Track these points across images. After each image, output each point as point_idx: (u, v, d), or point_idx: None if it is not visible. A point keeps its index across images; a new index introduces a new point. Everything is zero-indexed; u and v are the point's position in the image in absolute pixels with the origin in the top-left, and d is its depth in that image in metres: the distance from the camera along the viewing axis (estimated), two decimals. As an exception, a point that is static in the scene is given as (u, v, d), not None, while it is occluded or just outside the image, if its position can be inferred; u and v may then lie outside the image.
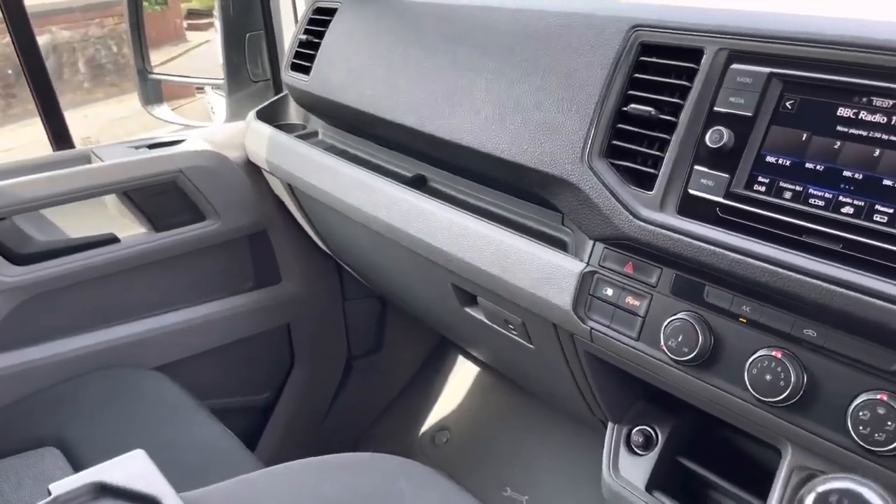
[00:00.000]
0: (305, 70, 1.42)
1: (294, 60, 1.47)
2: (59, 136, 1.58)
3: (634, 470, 1.04)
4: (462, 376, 2.07)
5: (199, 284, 1.63)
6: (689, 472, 1.02)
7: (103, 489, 0.69)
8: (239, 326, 1.70)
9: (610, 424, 1.10)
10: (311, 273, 1.77)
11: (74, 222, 1.53)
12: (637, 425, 1.07)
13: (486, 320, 1.19)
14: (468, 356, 2.03)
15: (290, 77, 1.47)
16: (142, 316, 1.55)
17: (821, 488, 0.57)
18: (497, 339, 1.21)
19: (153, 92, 1.93)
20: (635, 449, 1.06)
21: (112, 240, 1.44)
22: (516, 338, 1.14)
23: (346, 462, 0.85)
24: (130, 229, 1.51)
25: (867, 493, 0.54)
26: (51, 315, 1.43)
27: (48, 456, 1.17)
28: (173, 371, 1.55)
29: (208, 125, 1.81)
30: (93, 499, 0.68)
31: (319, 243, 1.70)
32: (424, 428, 2.04)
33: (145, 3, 2.33)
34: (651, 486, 1.01)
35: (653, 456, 1.04)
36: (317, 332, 1.84)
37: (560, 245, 1.02)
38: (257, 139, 1.56)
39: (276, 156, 1.50)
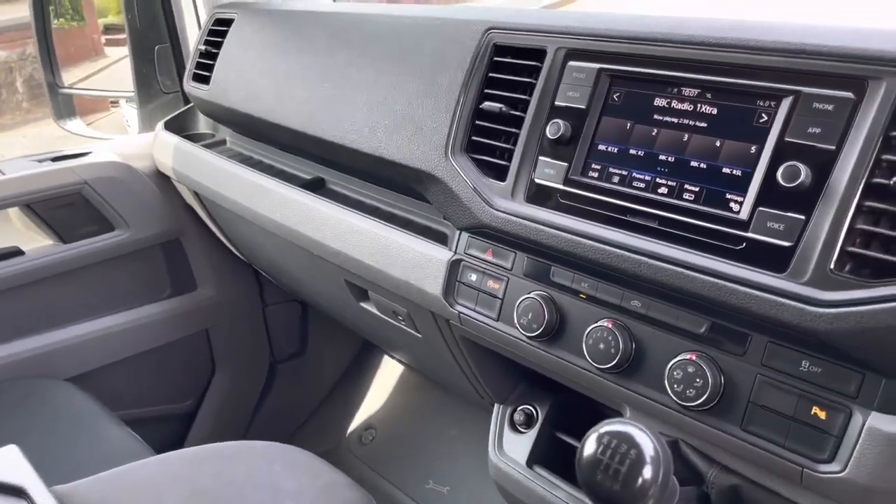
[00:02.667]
0: (205, 80, 1.46)
1: (195, 71, 1.50)
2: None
3: (517, 447, 1.10)
4: (386, 376, 2.12)
5: (113, 294, 1.64)
6: (567, 447, 1.09)
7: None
8: (156, 334, 1.72)
9: (496, 406, 1.15)
10: (227, 279, 1.80)
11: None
12: (520, 405, 1.13)
13: (378, 313, 1.24)
14: (392, 356, 2.08)
15: (191, 87, 1.50)
16: (53, 327, 1.56)
17: (600, 430, 0.63)
18: (391, 331, 1.27)
19: (65, 106, 1.93)
20: (518, 427, 1.12)
21: (16, 252, 1.45)
22: (405, 328, 1.19)
23: (223, 450, 0.88)
24: (36, 242, 1.52)
25: (636, 432, 0.61)
26: (-44, 329, 1.43)
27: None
28: (89, 381, 1.56)
29: (117, 137, 1.82)
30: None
31: (233, 249, 1.73)
32: (351, 428, 2.08)
33: (61, 20, 2.34)
34: (531, 461, 1.07)
35: (533, 433, 1.10)
36: (237, 337, 1.87)
37: (441, 237, 1.08)
38: (164, 149, 1.58)
39: (182, 164, 1.53)
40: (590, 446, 0.63)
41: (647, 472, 0.59)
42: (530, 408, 1.12)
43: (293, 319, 1.98)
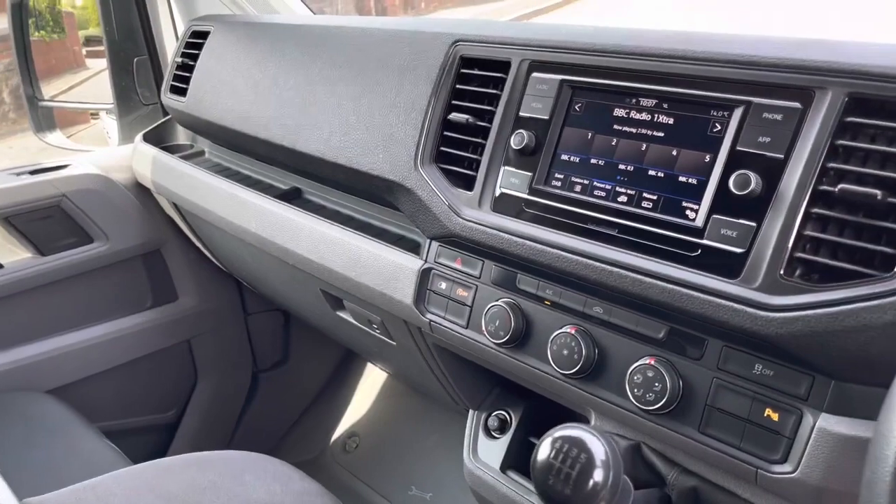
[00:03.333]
0: (182, 92, 1.47)
1: (172, 83, 1.51)
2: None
3: (491, 452, 1.11)
4: (370, 384, 2.13)
5: (93, 306, 1.65)
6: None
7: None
8: (137, 345, 1.72)
9: (470, 411, 1.17)
10: (208, 289, 1.80)
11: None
12: (494, 410, 1.15)
13: (354, 321, 1.25)
14: (375, 364, 2.09)
15: (168, 99, 1.51)
16: (33, 339, 1.56)
17: (553, 435, 0.64)
18: (367, 339, 1.28)
19: (45, 119, 1.94)
20: (492, 433, 1.13)
21: (-6, 265, 1.46)
22: (380, 336, 1.20)
23: (196, 460, 0.89)
24: (15, 255, 1.52)
25: (587, 436, 0.62)
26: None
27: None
28: (70, 393, 1.57)
29: (96, 149, 1.83)
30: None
31: (213, 259, 1.74)
32: (335, 436, 2.08)
33: (41, 32, 2.33)
34: (505, 465, 1.08)
35: (507, 438, 1.11)
36: (220, 346, 1.88)
37: (415, 247, 1.09)
38: (143, 161, 1.59)
39: (161, 176, 1.54)
40: (543, 451, 0.64)
41: (598, 476, 0.60)
42: (504, 413, 1.14)
43: (275, 328, 1.99)
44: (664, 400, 0.74)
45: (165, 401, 1.84)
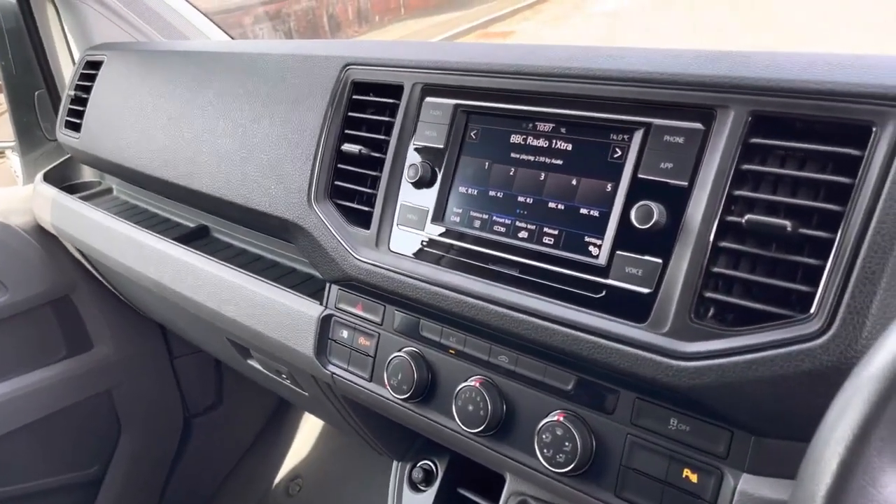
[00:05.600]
0: (78, 127, 1.36)
1: (67, 118, 1.40)
2: None
3: (416, 507, 1.02)
4: (312, 423, 2.02)
5: (-2, 361, 1.52)
6: (469, 502, 1.02)
7: None
8: (51, 399, 1.59)
9: (394, 463, 1.08)
10: (127, 334, 1.68)
11: None
12: (419, 460, 1.06)
13: (265, 370, 1.15)
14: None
15: (63, 135, 1.40)
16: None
17: None
18: (282, 388, 1.18)
19: (-56, 160, 1.81)
20: (417, 485, 1.05)
21: None
22: (292, 386, 1.11)
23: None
24: None
25: None
26: None
27: None
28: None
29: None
30: None
31: (129, 302, 1.62)
32: (277, 479, 1.97)
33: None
34: (431, 522, 1.00)
35: (433, 491, 1.03)
36: (144, 394, 1.75)
37: (321, 289, 1.00)
38: (43, 203, 1.48)
39: (61, 219, 1.42)
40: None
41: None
42: (430, 463, 1.05)
43: (206, 370, 1.87)
44: (576, 461, 0.66)
45: (86, 456, 1.71)
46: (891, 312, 0.50)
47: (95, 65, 1.37)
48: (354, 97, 0.90)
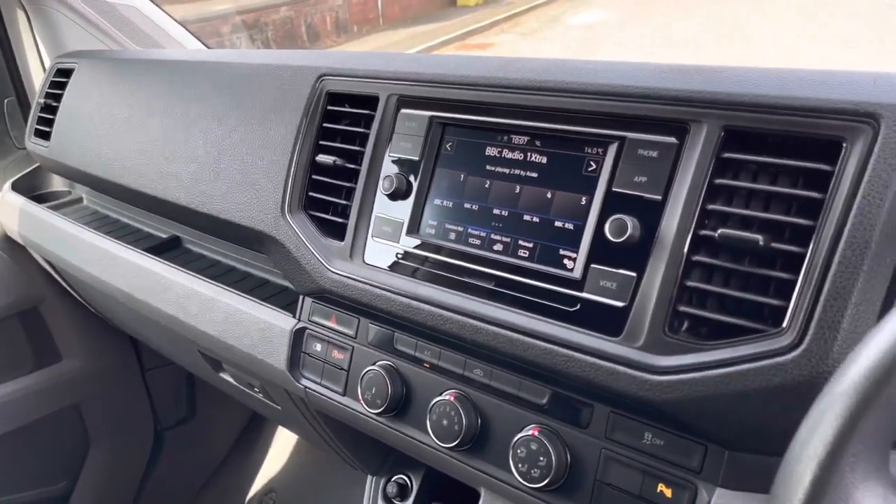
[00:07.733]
0: (47, 136, 1.34)
1: (36, 126, 1.38)
2: None
3: (391, 522, 1.01)
4: (287, 435, 1.99)
5: (-38, 374, 1.48)
6: (445, 517, 1.01)
7: None
8: (18, 413, 1.55)
9: (368, 477, 1.06)
10: (97, 346, 1.65)
11: None
12: (394, 475, 1.05)
13: (237, 384, 1.13)
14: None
15: (31, 144, 1.38)
16: None
17: None
18: (255, 402, 1.16)
19: None
20: (392, 501, 1.03)
21: None
22: (265, 400, 1.09)
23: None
24: None
25: None
26: None
27: None
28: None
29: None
30: None
31: (99, 315, 1.59)
32: (251, 493, 1.94)
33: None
34: (406, 537, 0.98)
35: (407, 505, 1.01)
36: (114, 407, 1.72)
37: (294, 301, 0.99)
38: (10, 212, 1.44)
39: (29, 228, 1.39)
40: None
41: None
42: (404, 478, 1.04)
43: (178, 383, 1.83)
44: (550, 476, 0.65)
45: (54, 471, 1.67)
46: (862, 327, 0.50)
47: (66, 73, 1.35)
48: (329, 108, 0.89)
